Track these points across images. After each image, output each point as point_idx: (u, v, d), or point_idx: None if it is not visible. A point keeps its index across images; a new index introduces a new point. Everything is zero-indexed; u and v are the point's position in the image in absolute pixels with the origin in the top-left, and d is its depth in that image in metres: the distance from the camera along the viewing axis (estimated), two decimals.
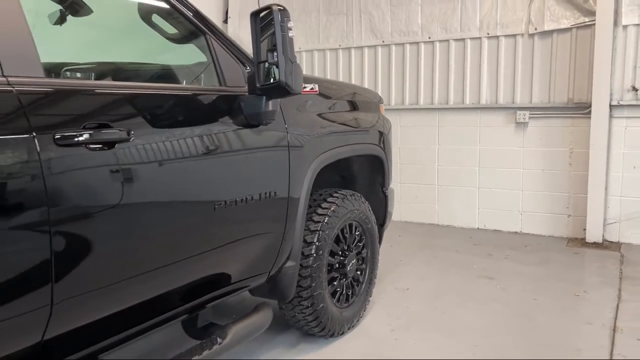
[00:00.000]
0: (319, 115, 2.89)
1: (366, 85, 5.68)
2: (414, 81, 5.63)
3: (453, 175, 5.54)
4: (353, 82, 5.82)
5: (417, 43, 5.54)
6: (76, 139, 1.59)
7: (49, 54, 1.67)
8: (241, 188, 2.23)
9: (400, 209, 5.66)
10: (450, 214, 5.61)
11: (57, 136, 1.54)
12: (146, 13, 2.33)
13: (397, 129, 5.52)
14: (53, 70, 2.33)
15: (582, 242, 4.86)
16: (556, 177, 5.07)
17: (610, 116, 4.70)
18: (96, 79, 2.48)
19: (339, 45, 5.93)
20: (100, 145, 1.66)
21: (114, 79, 2.40)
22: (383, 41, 5.70)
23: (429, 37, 5.46)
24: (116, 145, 1.71)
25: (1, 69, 1.48)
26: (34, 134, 1.49)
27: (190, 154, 1.99)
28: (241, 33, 6.04)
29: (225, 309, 3.24)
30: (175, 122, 2.01)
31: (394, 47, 5.67)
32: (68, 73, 2.36)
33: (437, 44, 5.45)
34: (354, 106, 3.31)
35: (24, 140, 1.47)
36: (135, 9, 2.31)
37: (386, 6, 5.62)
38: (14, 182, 1.45)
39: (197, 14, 2.22)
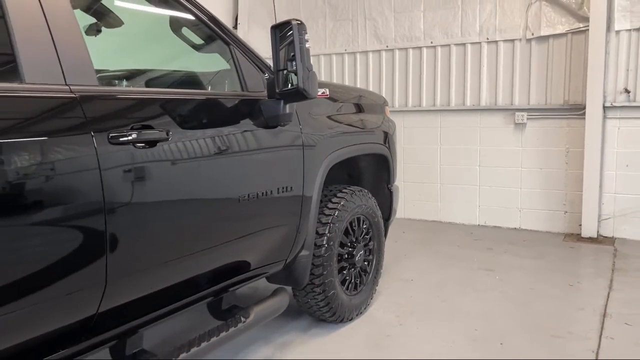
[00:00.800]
0: (329, 117, 3.14)
1: (371, 88, 5.92)
2: (417, 84, 5.88)
3: (455, 174, 5.78)
4: (358, 85, 6.07)
5: (420, 48, 5.79)
6: (125, 138, 1.84)
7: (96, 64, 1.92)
8: (262, 183, 2.48)
9: (404, 206, 5.90)
10: (452, 211, 5.85)
11: (110, 135, 1.80)
12: (177, 26, 2.59)
13: (401, 129, 5.76)
14: (102, 77, 2.59)
15: (578, 237, 5.09)
16: (553, 176, 5.31)
17: (604, 117, 4.94)
18: (136, 85, 2.74)
19: (345, 50, 6.18)
20: (144, 144, 1.91)
21: (151, 86, 2.65)
22: (387, 46, 5.96)
23: (431, 42, 5.72)
24: (157, 144, 1.96)
25: (64, 78, 1.73)
26: (92, 133, 1.74)
27: (218, 152, 2.24)
28: (250, 38, 6.29)
29: (240, 297, 3.48)
30: (205, 124, 2.26)
31: (397, 52, 5.93)
32: (116, 81, 2.61)
33: (439, 49, 5.70)
34: (360, 108, 3.55)
35: (85, 138, 1.72)
36: (167, 22, 2.57)
37: (390, 13, 5.88)
38: (76, 174, 1.70)
39: (222, 26, 2.47)
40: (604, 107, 4.90)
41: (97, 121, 1.78)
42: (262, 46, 4.15)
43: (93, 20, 2.71)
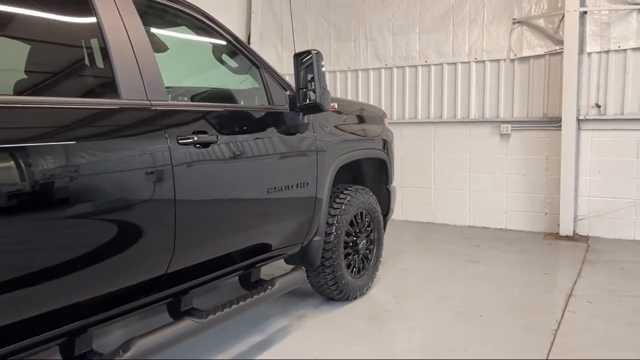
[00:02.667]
0: (336, 127, 3.75)
1: (371, 102, 6.55)
2: (413, 99, 6.52)
3: (447, 180, 6.40)
4: (360, 99, 6.70)
5: (415, 66, 6.44)
6: (188, 140, 2.45)
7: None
8: (285, 179, 3.09)
9: (401, 209, 6.50)
10: (444, 213, 6.46)
11: (178, 138, 2.40)
12: (218, 53, 3.21)
13: (399, 139, 6.36)
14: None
15: (556, 236, 5.69)
16: (534, 181, 5.92)
17: (579, 129, 5.56)
18: (183, 99, 3.36)
19: (348, 68, 6.83)
20: (201, 145, 2.52)
21: (195, 100, 3.26)
22: (386, 64, 6.61)
23: (426, 61, 6.36)
24: (210, 145, 2.57)
25: (146, 95, 2.34)
26: (167, 136, 2.35)
27: (252, 152, 2.85)
28: (262, 54, 6.92)
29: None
30: (242, 130, 2.87)
31: (395, 70, 6.58)
32: (179, 97, 3.23)
33: (433, 67, 6.35)
34: (362, 120, 4.17)
35: (162, 140, 2.32)
36: (210, 50, 3.20)
37: (389, 35, 6.53)
38: (157, 167, 2.29)
39: (254, 53, 3.10)
40: (578, 120, 5.53)
41: (169, 127, 2.39)
42: (272, 63, 4.77)
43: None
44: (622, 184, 5.47)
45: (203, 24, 2.87)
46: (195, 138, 2.48)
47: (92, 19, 2.27)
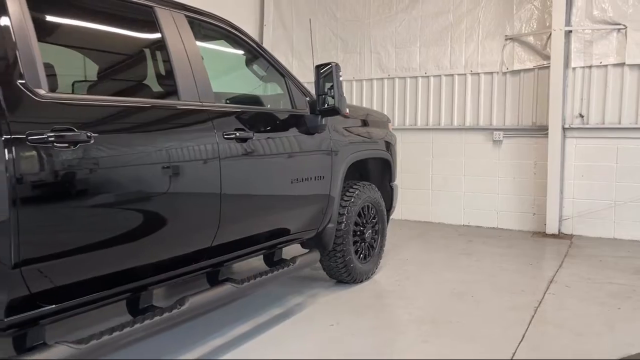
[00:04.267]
0: (347, 129, 4.27)
1: None
2: (413, 107, 7.06)
3: (444, 182, 6.93)
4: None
5: (416, 77, 7.00)
6: (232, 136, 2.96)
7: None
8: (305, 171, 3.61)
9: (401, 209, 7.00)
10: (441, 213, 6.98)
11: (224, 134, 2.92)
12: (249, 63, 3.75)
13: (400, 144, 6.87)
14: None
15: (543, 234, 6.22)
16: (524, 184, 6.46)
17: (564, 136, 6.11)
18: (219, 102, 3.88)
19: (353, 78, 7.37)
20: (241, 140, 3.03)
21: (234, 103, 3.78)
22: (389, 75, 7.16)
23: (425, 73, 6.92)
24: (247, 140, 3.08)
25: (199, 97, 2.87)
26: (215, 130, 2.87)
27: (279, 148, 3.37)
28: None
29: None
30: (271, 129, 3.39)
31: (397, 80, 7.13)
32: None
33: (432, 78, 6.90)
34: (369, 123, 4.68)
35: (211, 135, 2.84)
36: (243, 61, 3.73)
37: (392, 48, 7.08)
38: (208, 158, 2.81)
39: (280, 64, 3.63)
40: (564, 129, 6.07)
41: (217, 125, 2.91)
42: None
43: None
44: (603, 187, 6.00)
45: (240, 40, 3.41)
46: (237, 134, 3.00)
47: (158, 35, 2.80)
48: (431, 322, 3.56)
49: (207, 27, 3.23)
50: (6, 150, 1.93)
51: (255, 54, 3.57)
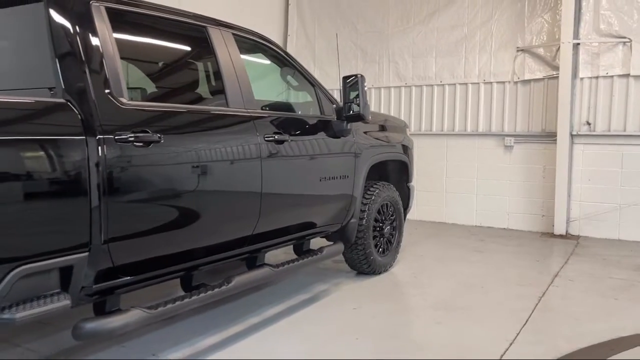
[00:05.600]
0: (367, 133, 4.69)
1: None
2: (429, 113, 7.47)
3: (457, 185, 7.32)
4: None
5: (432, 85, 7.41)
6: (271, 138, 3.40)
7: None
8: (332, 171, 4.04)
9: (416, 210, 7.38)
10: (455, 214, 7.37)
11: (265, 136, 3.36)
12: (283, 75, 4.20)
13: (416, 149, 7.28)
14: None
15: (551, 235, 6.57)
16: (533, 187, 6.82)
17: (572, 143, 6.47)
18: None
19: (372, 86, 7.80)
20: (278, 142, 3.47)
21: (271, 109, 4.22)
22: (406, 83, 7.58)
23: (441, 81, 7.33)
24: (283, 142, 3.52)
25: (244, 104, 3.32)
26: (257, 133, 3.31)
27: (310, 149, 3.81)
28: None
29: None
30: (303, 133, 3.83)
31: (414, 88, 7.55)
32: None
33: (447, 87, 7.31)
34: (387, 129, 5.10)
35: (254, 138, 3.28)
36: (279, 72, 4.18)
37: (409, 57, 7.51)
38: (252, 157, 3.25)
39: (310, 75, 4.07)
40: (571, 135, 6.43)
41: (259, 128, 3.35)
42: None
43: None
44: (608, 190, 6.35)
45: (277, 54, 3.86)
46: (275, 137, 3.44)
47: (209, 48, 3.26)
48: (444, 308, 3.96)
49: (250, 43, 3.69)
50: (99, 148, 2.39)
51: (289, 65, 4.03)
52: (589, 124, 6.41)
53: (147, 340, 3.30)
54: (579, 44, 6.33)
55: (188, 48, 3.36)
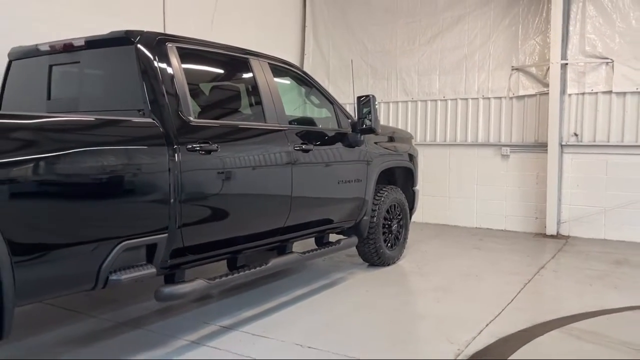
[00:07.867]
0: (377, 143, 5.45)
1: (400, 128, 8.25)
2: (433, 126, 8.23)
3: (459, 190, 8.05)
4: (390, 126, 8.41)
5: (436, 100, 8.17)
6: (299, 148, 4.17)
7: None
8: (348, 175, 4.80)
9: (421, 213, 8.13)
10: (456, 217, 8.09)
11: (294, 147, 4.13)
12: (307, 95, 4.98)
13: (421, 158, 8.01)
14: None
15: (543, 235, 7.27)
16: (528, 192, 7.54)
17: (561, 152, 7.19)
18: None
19: (381, 100, 8.57)
20: (304, 151, 4.24)
21: (297, 123, 4.98)
22: (412, 98, 8.35)
23: (444, 97, 8.09)
24: (309, 151, 4.29)
25: (278, 120, 4.09)
26: (289, 143, 4.08)
27: (330, 157, 4.57)
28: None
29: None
30: (324, 143, 4.60)
31: (419, 103, 8.32)
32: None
33: (449, 102, 8.08)
34: (395, 139, 5.86)
35: (287, 148, 4.05)
36: (303, 92, 4.96)
37: (415, 75, 8.29)
38: (286, 163, 4.01)
39: (330, 95, 4.86)
40: (561, 145, 7.15)
41: (290, 140, 4.12)
42: None
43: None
44: (594, 195, 7.05)
45: (303, 78, 4.66)
46: (303, 147, 4.22)
47: (251, 75, 4.05)
48: (443, 290, 4.69)
49: (281, 69, 4.48)
50: (176, 155, 3.17)
51: (312, 87, 4.81)
52: (576, 135, 7.12)
53: (199, 312, 4.06)
54: (566, 64, 7.07)
55: (235, 75, 4.15)
